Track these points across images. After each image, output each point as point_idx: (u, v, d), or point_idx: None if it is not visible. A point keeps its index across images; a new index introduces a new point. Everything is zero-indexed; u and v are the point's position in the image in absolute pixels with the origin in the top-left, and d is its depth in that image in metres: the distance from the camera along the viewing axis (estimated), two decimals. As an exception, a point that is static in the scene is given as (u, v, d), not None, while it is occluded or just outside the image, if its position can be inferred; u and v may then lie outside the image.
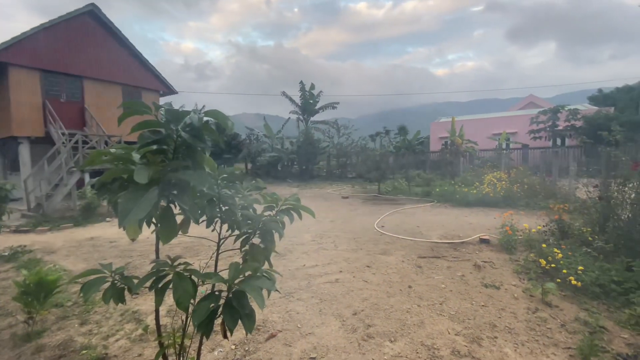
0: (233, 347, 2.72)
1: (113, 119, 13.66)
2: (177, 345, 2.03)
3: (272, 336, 2.89)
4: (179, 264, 1.64)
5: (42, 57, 11.74)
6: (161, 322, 3.08)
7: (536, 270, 4.21)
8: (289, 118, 28.70)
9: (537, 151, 19.20)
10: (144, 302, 3.61)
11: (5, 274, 4.85)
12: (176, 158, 1.48)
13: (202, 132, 1.41)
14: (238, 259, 1.97)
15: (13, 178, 13.49)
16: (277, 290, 1.63)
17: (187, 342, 2.01)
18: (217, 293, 1.48)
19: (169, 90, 16.16)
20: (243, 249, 1.88)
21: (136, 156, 1.68)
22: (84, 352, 2.67)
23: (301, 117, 28.57)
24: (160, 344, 2.00)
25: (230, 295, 1.46)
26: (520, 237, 5.42)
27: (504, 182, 10.42)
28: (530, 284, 3.92)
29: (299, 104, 27.90)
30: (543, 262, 4.15)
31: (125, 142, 12.79)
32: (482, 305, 3.45)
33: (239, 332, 2.85)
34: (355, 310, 3.38)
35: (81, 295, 1.53)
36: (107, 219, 9.40)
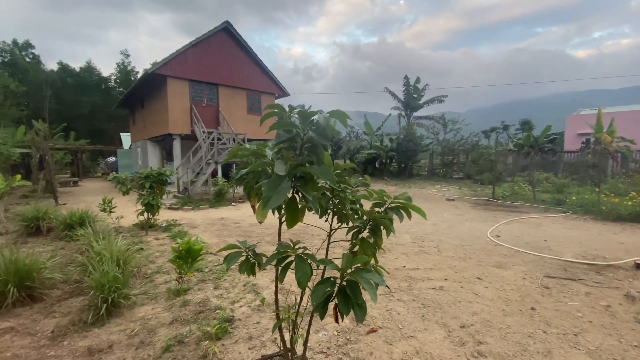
0: (335, 333, 2.88)
1: (239, 119, 16.02)
2: (290, 321, 2.28)
3: (373, 331, 2.92)
4: (299, 248, 1.83)
5: (190, 69, 14.62)
6: (273, 300, 3.49)
7: None
8: (390, 114, 28.05)
9: None
10: (261, 278, 4.15)
11: (162, 240, 6.27)
12: (302, 154, 1.65)
13: (327, 130, 1.53)
14: (339, 250, 2.06)
15: (168, 166, 17.34)
16: (386, 286, 1.65)
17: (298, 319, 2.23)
18: (331, 279, 1.59)
19: (283, 93, 17.90)
20: (353, 241, 1.96)
21: (268, 152, 1.94)
22: (218, 311, 3.25)
23: (403, 112, 27.54)
24: (277, 317, 2.28)
25: (344, 284, 1.55)
26: None
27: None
28: None
29: (402, 99, 26.95)
30: None
31: (248, 140, 14.84)
32: (635, 346, 2.70)
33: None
34: (463, 323, 3.11)
35: (223, 263, 1.87)
36: (233, 203, 11.14)
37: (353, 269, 1.60)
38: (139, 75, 40.01)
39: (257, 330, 2.91)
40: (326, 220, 2.07)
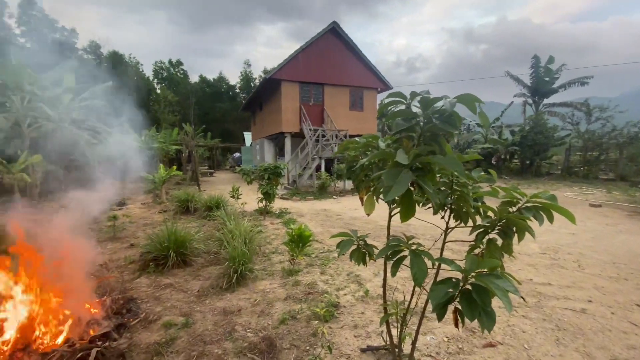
0: (445, 339, 2.68)
1: (341, 116, 16.51)
2: (398, 317, 2.23)
3: (491, 345, 2.60)
4: (413, 244, 1.76)
5: (300, 72, 15.79)
6: (378, 292, 3.48)
7: None
8: (512, 103, 24.18)
9: None
10: (363, 269, 4.20)
11: (276, 225, 7.01)
12: (420, 144, 1.57)
13: (454, 117, 1.41)
14: (445, 253, 1.87)
15: (280, 161, 19.25)
16: (522, 297, 1.43)
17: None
18: (453, 280, 1.47)
19: (386, 87, 17.55)
20: (477, 243, 1.77)
21: (381, 144, 1.92)
22: (325, 295, 3.45)
23: (529, 100, 23.34)
24: (385, 310, 2.26)
25: (468, 287, 1.42)
26: None
27: None
28: None
29: (528, 84, 22.85)
30: None
31: (350, 136, 15.18)
32: None
33: (450, 325, 2.77)
34: (615, 356, 2.46)
35: (336, 249, 1.96)
36: (334, 197, 11.62)
37: (479, 273, 1.45)
38: (257, 82, 45.76)
39: (362, 320, 2.96)
40: (442, 217, 1.93)
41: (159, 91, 41.86)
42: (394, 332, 2.38)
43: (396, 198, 1.59)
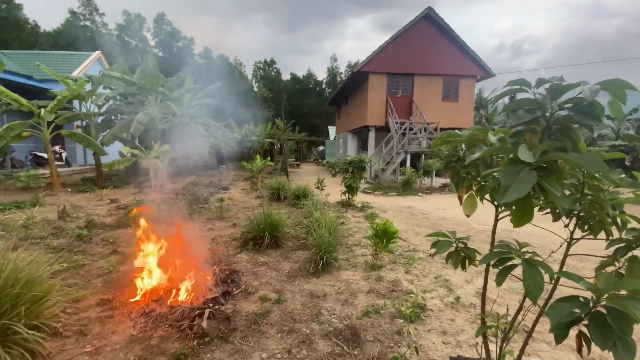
0: (556, 366, 2.31)
1: (432, 107, 15.47)
2: (498, 331, 2.02)
3: (621, 386, 2.13)
4: (527, 252, 1.56)
5: (389, 63, 15.32)
6: (470, 301, 3.20)
7: None
8: (664, 89, 18.77)
9: None
10: (454, 274, 3.91)
11: (358, 219, 7.05)
12: (543, 139, 1.36)
13: (594, 108, 1.18)
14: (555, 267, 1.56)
15: (363, 155, 19.18)
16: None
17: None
18: (581, 299, 1.25)
19: (487, 74, 15.71)
20: (615, 259, 1.46)
21: (492, 137, 1.73)
22: (410, 295, 3.35)
23: (695, 84, 17.79)
24: (482, 321, 2.07)
25: (602, 310, 1.19)
26: None
27: None
28: None
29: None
30: None
31: (441, 129, 14.16)
32: None
33: (561, 349, 2.37)
34: None
35: (433, 249, 1.86)
36: (420, 194, 11.05)
37: (615, 294, 1.20)
38: (343, 76, 46.40)
39: (452, 328, 2.78)
40: (566, 226, 1.65)
41: (256, 89, 46.33)
42: (492, 347, 2.16)
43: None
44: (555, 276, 1.59)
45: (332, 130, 34.31)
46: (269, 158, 11.83)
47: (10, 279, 2.39)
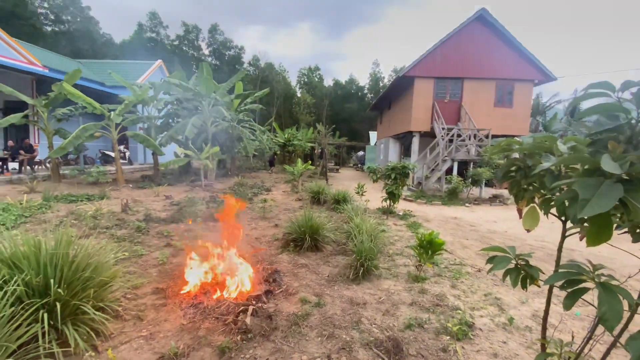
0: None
1: (483, 113, 14.59)
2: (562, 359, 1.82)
3: None
4: (601, 275, 1.39)
5: (437, 67, 14.77)
6: (524, 324, 2.94)
7: None
8: None
9: None
10: (507, 293, 3.62)
11: (400, 227, 6.83)
12: (628, 149, 1.20)
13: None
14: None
15: (405, 161, 18.65)
16: None
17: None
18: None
19: (547, 77, 14.46)
20: None
21: (561, 146, 1.58)
22: (457, 311, 3.15)
23: None
24: (543, 347, 1.88)
25: None
26: None
27: None
28: None
29: None
30: None
31: (493, 136, 13.30)
32: None
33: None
34: None
35: (489, 264, 1.74)
36: (467, 204, 10.45)
37: None
38: (386, 81, 45.70)
39: (504, 351, 2.56)
40: (653, 247, 1.44)
41: (299, 95, 47.47)
42: (553, 376, 1.95)
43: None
44: (635, 304, 1.41)
45: (373, 135, 33.87)
46: (309, 162, 12.00)
47: (82, 264, 2.68)
